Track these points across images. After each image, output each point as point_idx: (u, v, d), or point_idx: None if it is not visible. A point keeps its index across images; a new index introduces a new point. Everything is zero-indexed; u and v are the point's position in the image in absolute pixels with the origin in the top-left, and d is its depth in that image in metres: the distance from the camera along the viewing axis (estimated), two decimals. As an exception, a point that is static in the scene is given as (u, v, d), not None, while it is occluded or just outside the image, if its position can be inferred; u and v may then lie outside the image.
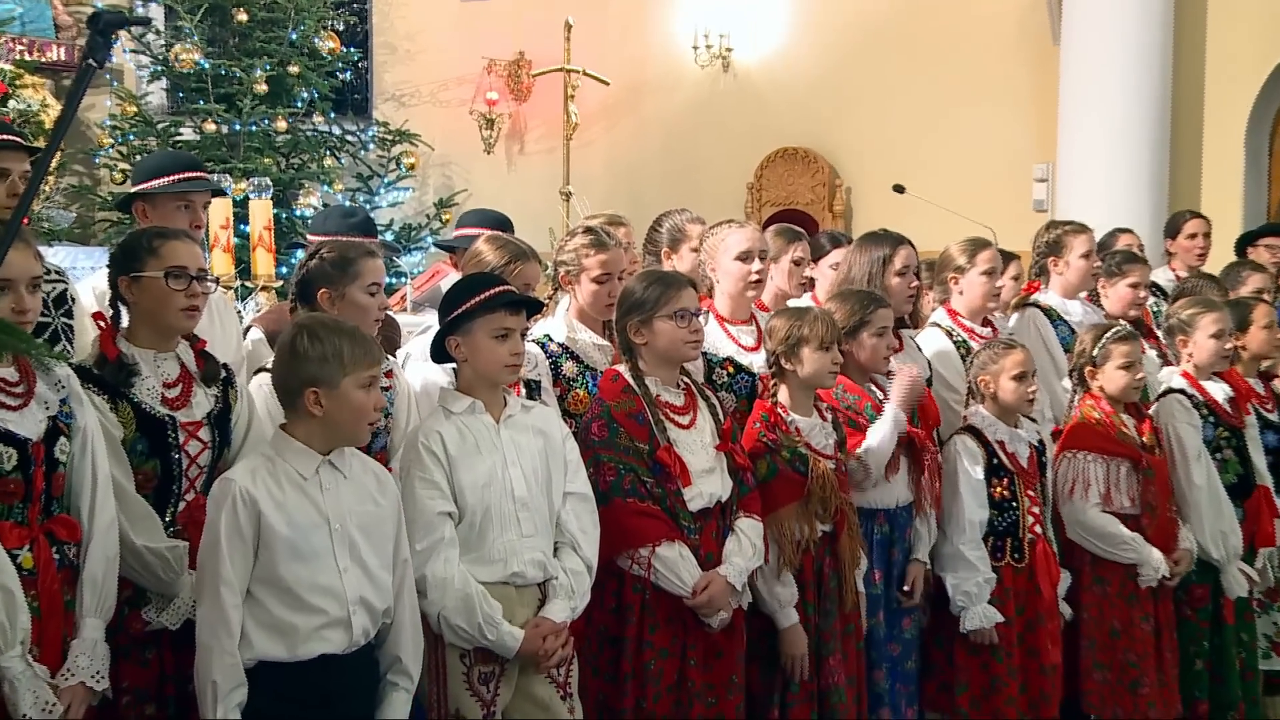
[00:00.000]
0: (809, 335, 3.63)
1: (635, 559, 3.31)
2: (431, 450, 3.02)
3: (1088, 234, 4.88)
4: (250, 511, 2.68)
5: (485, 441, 3.09)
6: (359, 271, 3.38)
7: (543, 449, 3.17)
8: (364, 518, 2.81)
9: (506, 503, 3.06)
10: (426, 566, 2.96)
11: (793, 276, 4.44)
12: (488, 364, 3.08)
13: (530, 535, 3.08)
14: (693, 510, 3.37)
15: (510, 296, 3.12)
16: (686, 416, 3.46)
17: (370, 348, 2.79)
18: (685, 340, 3.42)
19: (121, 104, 8.65)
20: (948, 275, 4.53)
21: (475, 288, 3.14)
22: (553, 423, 3.25)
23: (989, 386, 4.07)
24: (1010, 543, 4.01)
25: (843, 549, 3.64)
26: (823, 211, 9.29)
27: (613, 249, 3.78)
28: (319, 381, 2.73)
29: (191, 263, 3.00)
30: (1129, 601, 4.18)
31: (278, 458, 2.77)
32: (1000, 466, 4.03)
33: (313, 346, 2.75)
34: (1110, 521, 4.17)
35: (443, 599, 2.96)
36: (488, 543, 3.04)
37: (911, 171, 8.32)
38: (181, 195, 3.85)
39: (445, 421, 3.08)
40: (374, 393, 2.78)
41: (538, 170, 9.91)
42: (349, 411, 2.75)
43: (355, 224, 4.55)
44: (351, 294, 3.37)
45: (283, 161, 8.73)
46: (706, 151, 9.64)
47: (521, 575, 3.07)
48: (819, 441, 3.67)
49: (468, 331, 3.08)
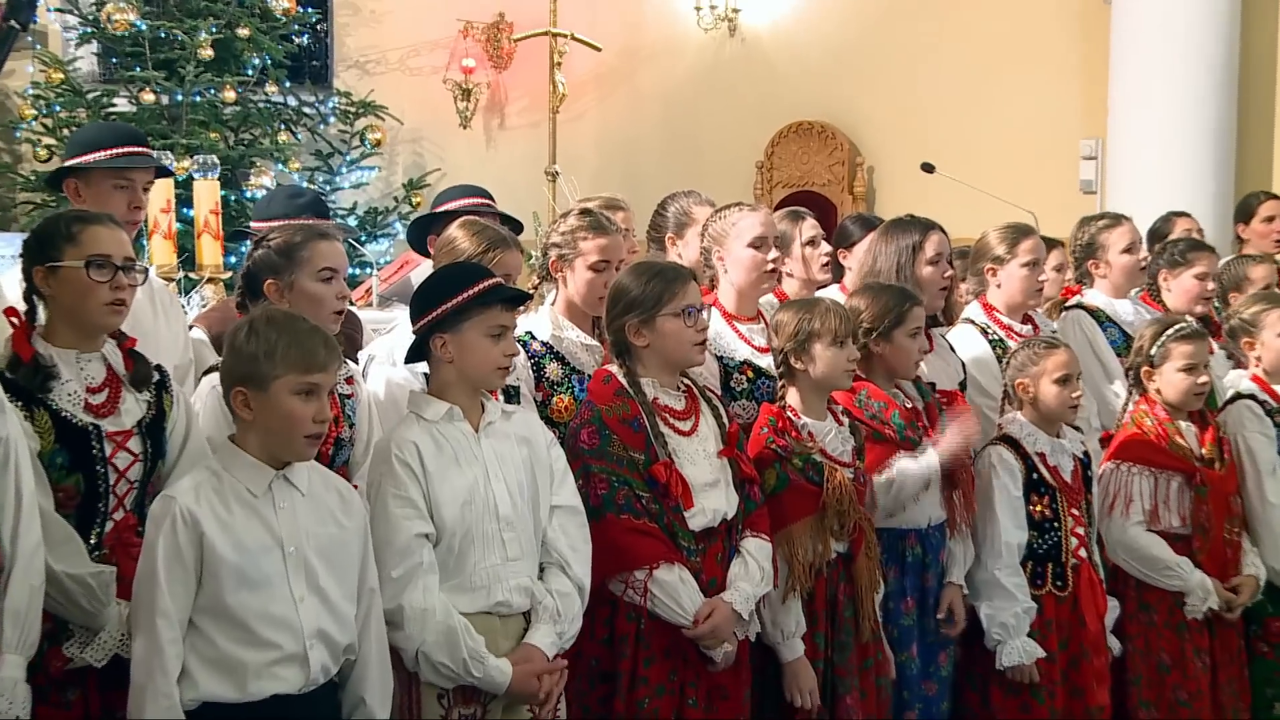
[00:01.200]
0: (820, 329, 3.63)
1: (630, 583, 3.31)
2: (406, 462, 3.02)
3: (1125, 225, 4.89)
4: (192, 533, 2.68)
5: (464, 452, 3.09)
6: (308, 256, 3.36)
7: (527, 459, 3.17)
8: (324, 541, 2.81)
9: (489, 522, 3.06)
10: (403, 596, 2.95)
11: (812, 260, 4.44)
12: (479, 366, 3.09)
13: (516, 559, 3.09)
14: (694, 529, 3.38)
15: (509, 291, 3.14)
16: (687, 422, 3.46)
17: (316, 351, 2.78)
18: (692, 341, 3.42)
19: (46, 71, 8.62)
20: (984, 266, 4.53)
21: (464, 279, 3.14)
22: (536, 429, 3.26)
23: (1028, 391, 4.06)
24: (1052, 568, 4.01)
25: (860, 571, 3.63)
26: (842, 194, 9.27)
27: (613, 233, 3.80)
28: (247, 380, 2.75)
29: (116, 250, 2.98)
30: (1179, 633, 4.20)
31: (224, 472, 2.77)
32: (1040, 482, 4.02)
33: (249, 341, 2.77)
34: (1154, 542, 4.20)
35: (422, 632, 2.95)
36: (468, 568, 3.04)
37: (942, 148, 8.28)
38: (120, 172, 3.83)
39: (419, 430, 3.08)
40: (315, 403, 2.76)
41: (520, 147, 9.90)
42: (278, 419, 2.75)
43: (304, 205, 4.54)
44: (301, 283, 3.34)
45: (231, 137, 8.69)
46: (710, 126, 9.63)
47: (507, 604, 3.07)
48: (835, 448, 3.67)
49: (457, 329, 3.09)
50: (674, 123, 9.77)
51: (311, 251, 3.36)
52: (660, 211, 4.64)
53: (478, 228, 3.77)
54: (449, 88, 10.01)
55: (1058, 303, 5.03)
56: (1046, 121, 8.73)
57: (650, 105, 9.91)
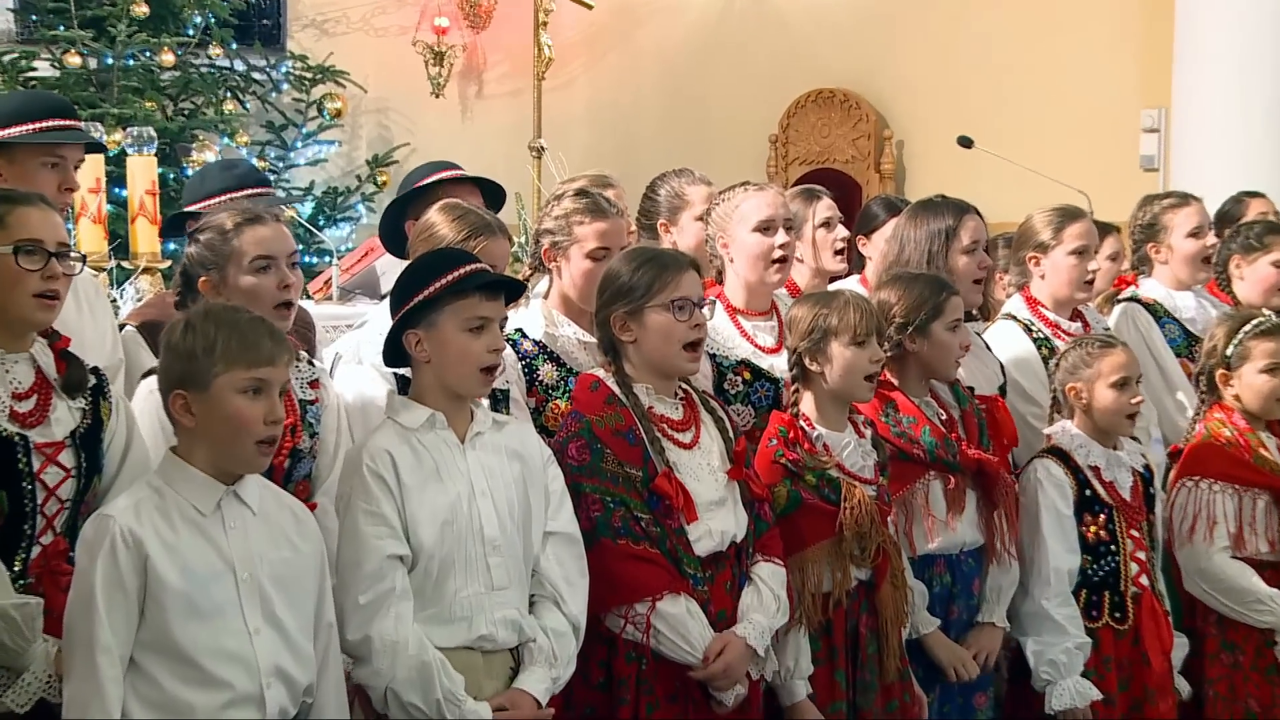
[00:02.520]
0: (837, 326, 3.62)
1: (630, 618, 3.31)
2: (379, 475, 3.02)
3: (1193, 206, 4.93)
4: (134, 557, 2.67)
5: (447, 466, 3.10)
6: (237, 247, 3.35)
7: (519, 477, 3.17)
8: (279, 566, 2.81)
9: (473, 545, 3.07)
10: (372, 625, 2.95)
11: (824, 246, 4.44)
12: (459, 364, 3.11)
13: (503, 588, 3.10)
14: (700, 554, 3.37)
15: (486, 276, 3.14)
16: (687, 434, 3.47)
17: (260, 342, 2.79)
18: (682, 340, 3.42)
19: (-48, 30, 8.65)
20: (1027, 254, 4.51)
21: (440, 266, 3.16)
22: (531, 442, 3.27)
23: (1080, 396, 4.05)
24: (1109, 598, 4.00)
25: (884, 602, 3.61)
26: (867, 171, 9.26)
27: (613, 217, 3.82)
28: (186, 381, 2.76)
29: (49, 235, 2.99)
30: (1269, 676, 4.19)
31: (168, 488, 2.77)
32: (1095, 499, 4.02)
33: (184, 338, 2.78)
34: (1241, 571, 4.18)
35: (393, 668, 2.95)
36: (447, 596, 3.05)
37: (981, 120, 8.28)
38: (51, 148, 3.83)
39: (396, 438, 3.09)
40: (264, 402, 2.77)
41: (500, 119, 9.89)
42: (222, 422, 2.75)
43: (241, 176, 4.51)
44: (233, 277, 3.34)
45: (169, 106, 8.66)
46: (717, 95, 9.61)
47: (491, 639, 3.08)
48: (854, 462, 3.66)
49: (431, 324, 3.10)
50: (675, 91, 9.76)
51: (240, 241, 3.35)
52: (650, 194, 4.64)
53: (459, 211, 3.77)
54: (419, 50, 9.98)
55: (1110, 295, 5.06)
56: (1101, 89, 8.69)
57: (648, 71, 9.91)
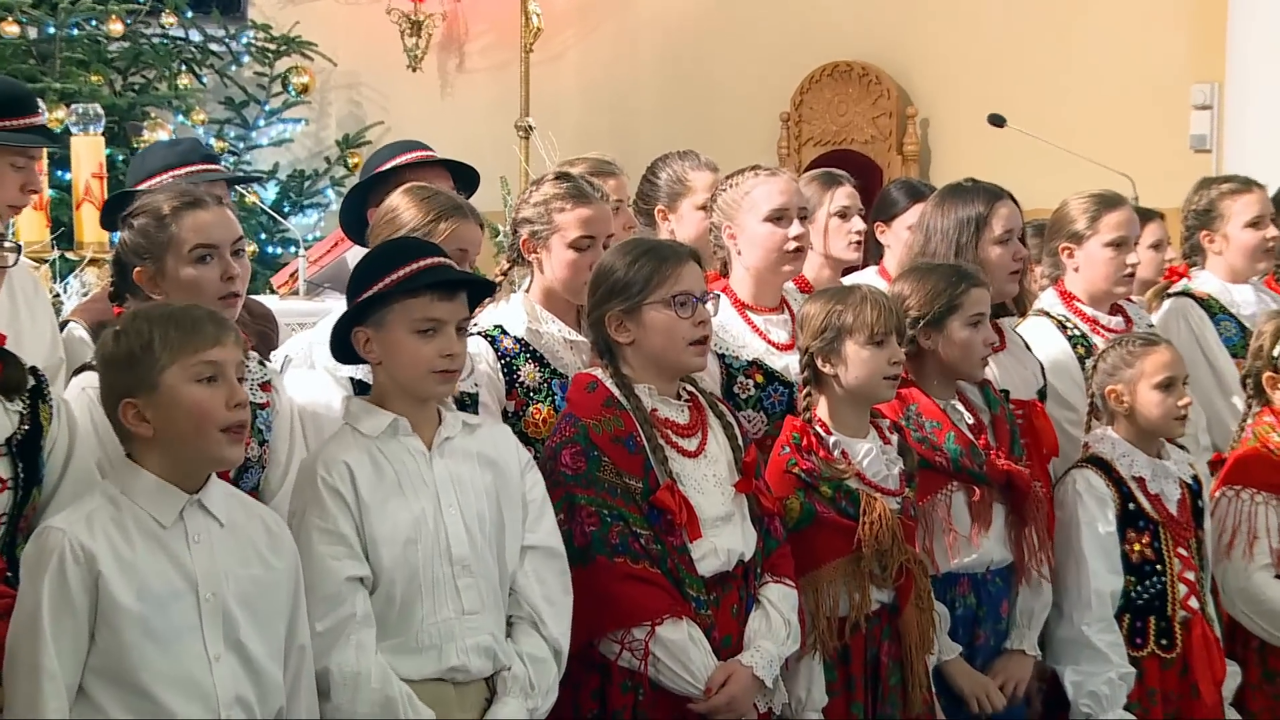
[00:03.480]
0: (853, 324, 3.64)
1: (627, 644, 3.31)
2: (335, 488, 3.03)
3: (1255, 194, 4.95)
4: (85, 574, 2.67)
5: (411, 476, 3.11)
6: (176, 233, 3.34)
7: (492, 486, 3.18)
8: (247, 585, 2.82)
9: (440, 565, 3.08)
10: (331, 655, 2.97)
11: (838, 236, 4.47)
12: (407, 369, 3.12)
13: (474, 611, 3.11)
14: (704, 574, 3.39)
15: (437, 274, 3.13)
16: (692, 440, 3.48)
17: (201, 326, 2.81)
18: (687, 339, 3.43)
19: None
20: (1060, 245, 4.53)
21: (393, 258, 3.17)
22: (506, 447, 3.27)
23: (1122, 400, 4.07)
24: (1155, 623, 4.02)
25: (908, 627, 3.63)
26: (889, 153, 9.22)
27: (597, 202, 3.83)
28: (132, 388, 2.76)
29: None
30: (1318, 707, 4.23)
31: (124, 498, 2.78)
32: (1139, 514, 4.04)
33: (118, 344, 2.80)
34: None
35: (354, 702, 2.97)
36: (414, 623, 3.06)
37: (1014, 96, 8.26)
38: (22, 150, 3.77)
39: (354, 448, 3.09)
40: (223, 387, 2.78)
41: (484, 95, 9.90)
42: (182, 419, 2.75)
43: (181, 152, 4.52)
44: (172, 268, 3.33)
45: (118, 80, 8.67)
46: (723, 68, 9.58)
47: (463, 669, 3.09)
48: (875, 471, 3.68)
49: (380, 322, 3.12)
50: (677, 64, 9.72)
51: (179, 228, 3.34)
52: (649, 178, 4.63)
53: (425, 194, 3.77)
54: (394, 20, 9.93)
55: (1159, 288, 5.09)
56: (1148, 61, 8.63)
57: (647, 42, 9.89)
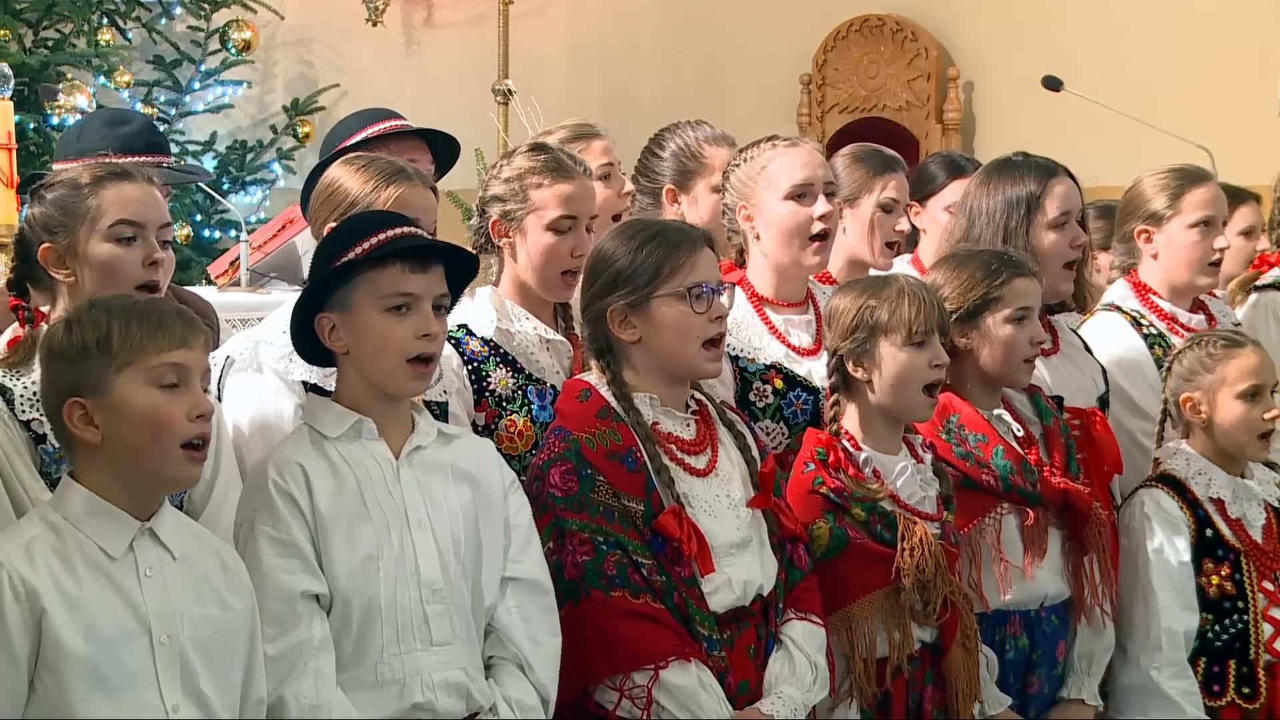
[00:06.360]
0: (889, 322, 3.59)
1: (626, 691, 3.28)
2: (288, 493, 3.01)
3: None
4: (26, 613, 2.66)
5: (375, 488, 3.08)
6: (95, 205, 3.29)
7: (470, 505, 3.16)
8: (204, 627, 2.80)
9: (406, 589, 3.06)
10: (287, 685, 2.94)
11: (880, 231, 4.45)
12: (380, 355, 3.08)
13: (445, 643, 3.08)
14: (716, 610, 3.36)
15: (410, 240, 3.10)
16: (701, 457, 3.45)
17: (169, 323, 2.78)
18: (702, 337, 3.39)
19: None
20: (1135, 228, 4.51)
21: (355, 231, 3.14)
22: (488, 463, 3.26)
23: (1199, 410, 4.04)
24: (1236, 667, 4.00)
25: (954, 670, 3.63)
26: (926, 121, 9.14)
27: (579, 177, 3.76)
28: (82, 386, 2.74)
29: None
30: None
31: (67, 524, 2.74)
32: (1218, 542, 4.02)
33: (69, 338, 2.77)
34: None
35: None
36: (371, 653, 3.03)
37: (1072, 56, 8.12)
38: None
39: (311, 448, 3.07)
40: (186, 396, 2.75)
41: (456, 54, 9.81)
42: (136, 428, 2.73)
43: (124, 137, 4.52)
44: (85, 244, 3.28)
45: (28, 36, 8.63)
46: (735, 24, 9.50)
47: (429, 708, 3.05)
48: (910, 492, 3.66)
49: (346, 303, 3.08)
50: (681, 20, 9.62)
51: (100, 199, 3.30)
52: (654, 150, 4.58)
53: (363, 160, 3.74)
54: (351, -37, 10.05)
55: (1244, 281, 5.05)
56: (1230, 18, 8.47)
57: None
